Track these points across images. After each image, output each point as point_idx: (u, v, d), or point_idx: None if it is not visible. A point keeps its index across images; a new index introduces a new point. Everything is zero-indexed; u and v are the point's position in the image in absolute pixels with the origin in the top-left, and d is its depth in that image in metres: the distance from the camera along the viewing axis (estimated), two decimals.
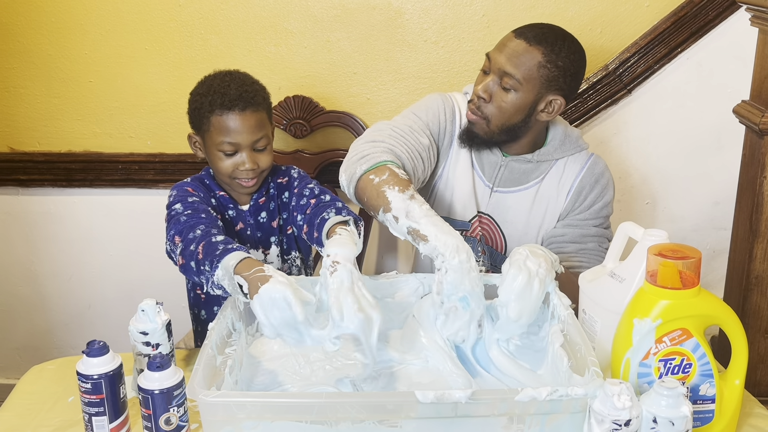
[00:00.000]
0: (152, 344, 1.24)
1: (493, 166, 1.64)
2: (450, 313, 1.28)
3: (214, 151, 1.50)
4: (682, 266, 1.10)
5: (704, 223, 2.15)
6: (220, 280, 1.22)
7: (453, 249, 1.26)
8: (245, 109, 1.47)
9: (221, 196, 1.56)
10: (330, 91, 2.10)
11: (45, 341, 2.39)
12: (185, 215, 1.40)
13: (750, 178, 1.65)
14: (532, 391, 1.02)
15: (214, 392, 1.02)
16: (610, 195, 1.65)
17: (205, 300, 1.61)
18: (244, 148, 1.48)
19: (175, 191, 1.50)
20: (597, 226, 1.64)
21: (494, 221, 1.67)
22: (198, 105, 1.51)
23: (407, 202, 1.34)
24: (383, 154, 1.47)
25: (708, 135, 2.07)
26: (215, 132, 1.48)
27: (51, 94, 2.13)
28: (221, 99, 1.47)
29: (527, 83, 1.50)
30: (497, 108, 1.54)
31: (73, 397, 1.28)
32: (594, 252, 1.62)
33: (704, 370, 1.12)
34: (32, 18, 2.06)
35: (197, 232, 1.33)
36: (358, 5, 2.01)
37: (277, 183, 1.61)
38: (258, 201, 1.59)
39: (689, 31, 1.97)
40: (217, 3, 2.03)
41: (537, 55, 1.50)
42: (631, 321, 1.12)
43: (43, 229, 2.26)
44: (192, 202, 1.45)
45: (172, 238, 1.36)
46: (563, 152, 1.64)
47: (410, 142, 1.54)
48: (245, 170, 1.49)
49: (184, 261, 1.30)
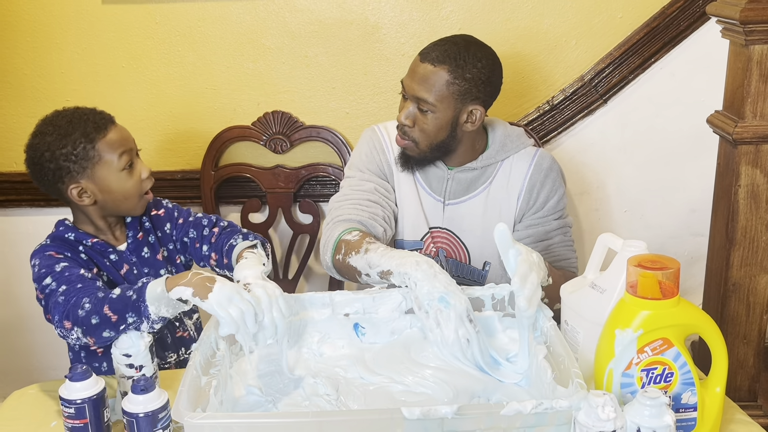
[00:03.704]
0: (135, 366, 1.23)
1: (440, 181, 1.69)
2: (439, 318, 1.28)
3: (114, 176, 1.44)
4: (662, 277, 1.11)
5: (681, 230, 2.18)
6: (156, 313, 1.25)
7: (413, 265, 1.33)
8: (114, 123, 1.48)
9: (95, 242, 1.49)
10: (309, 105, 2.10)
11: (24, 363, 2.36)
12: (62, 294, 1.35)
13: (725, 186, 1.67)
14: (518, 405, 1.03)
15: (200, 414, 1.02)
16: (562, 187, 1.70)
17: (103, 353, 1.52)
18: (134, 156, 1.48)
19: (37, 260, 1.43)
20: (557, 219, 1.68)
21: (453, 234, 1.71)
22: (69, 151, 1.41)
23: (365, 258, 1.45)
24: (335, 231, 1.59)
25: (683, 143, 2.10)
26: (107, 154, 1.43)
27: (27, 113, 2.11)
28: (92, 125, 1.43)
29: (441, 103, 1.56)
30: (421, 131, 1.60)
31: (56, 422, 1.27)
32: (561, 244, 1.67)
33: (686, 378, 1.13)
34: (7, 37, 2.05)
35: (86, 306, 1.30)
36: (335, 21, 2.02)
37: (151, 216, 1.59)
38: (136, 237, 1.55)
39: (662, 42, 2.00)
40: (194, 20, 2.03)
41: (444, 74, 1.54)
42: (613, 332, 1.13)
43: (21, 250, 2.22)
44: (61, 272, 1.39)
45: (61, 324, 1.32)
46: (506, 152, 1.68)
47: (359, 199, 1.65)
48: (147, 178, 1.49)
49: (95, 338, 1.29)
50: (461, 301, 1.28)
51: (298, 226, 2.16)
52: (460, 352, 1.28)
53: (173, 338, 1.59)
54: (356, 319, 1.41)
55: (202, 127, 2.11)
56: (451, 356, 1.30)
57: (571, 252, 1.70)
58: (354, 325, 1.41)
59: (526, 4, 2.00)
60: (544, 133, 2.08)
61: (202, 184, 2.11)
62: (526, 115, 2.08)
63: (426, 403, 1.24)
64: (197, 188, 2.12)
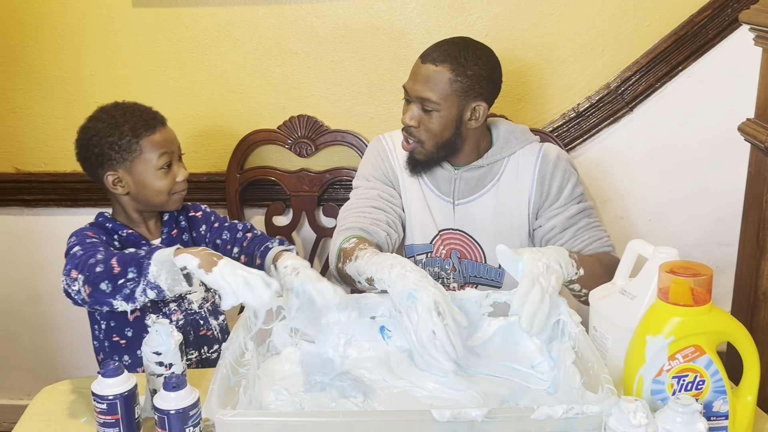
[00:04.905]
0: (165, 364, 1.24)
1: (448, 181, 1.71)
2: (410, 315, 1.25)
3: (151, 173, 1.52)
4: (694, 283, 1.11)
5: (707, 239, 2.16)
6: (155, 276, 1.26)
7: (387, 269, 1.33)
8: (164, 125, 1.56)
9: (130, 234, 1.56)
10: (334, 110, 2.11)
11: (48, 362, 2.38)
12: (82, 250, 1.40)
13: (756, 195, 1.66)
14: (548, 409, 1.03)
15: (231, 411, 1.02)
16: (575, 174, 1.70)
17: (126, 345, 1.57)
18: (175, 158, 1.56)
19: (74, 237, 1.49)
20: (577, 204, 1.68)
21: (466, 234, 1.72)
22: (114, 140, 1.50)
23: (354, 265, 1.47)
24: (336, 241, 1.62)
25: (709, 152, 2.09)
26: (149, 152, 1.51)
27: (56, 114, 2.14)
28: (142, 122, 1.52)
29: (445, 101, 1.59)
30: (426, 130, 1.62)
31: (86, 418, 1.28)
32: (588, 226, 1.67)
33: (717, 386, 1.12)
34: (39, 39, 2.08)
35: (98, 257, 1.34)
36: (362, 26, 2.04)
37: (189, 216, 1.67)
38: (171, 234, 1.62)
39: (690, 50, 1.99)
40: (222, 24, 2.05)
41: (446, 72, 1.57)
42: (644, 338, 1.12)
43: (48, 249, 2.26)
44: (91, 242, 1.45)
45: (68, 273, 1.36)
46: (512, 148, 1.70)
47: (362, 207, 1.68)
48: (182, 181, 1.56)
49: (91, 288, 1.31)
50: (429, 294, 1.25)
51: (322, 229, 2.16)
52: (432, 347, 1.23)
53: (196, 336, 1.61)
54: (383, 321, 1.41)
55: (228, 130, 2.13)
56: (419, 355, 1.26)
57: (601, 231, 1.69)
58: (380, 327, 1.41)
59: (553, 11, 2.00)
60: (569, 140, 2.08)
61: (227, 187, 2.13)
62: (551, 122, 2.08)
63: (454, 406, 1.24)
64: (222, 190, 2.13)
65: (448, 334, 1.23)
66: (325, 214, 2.17)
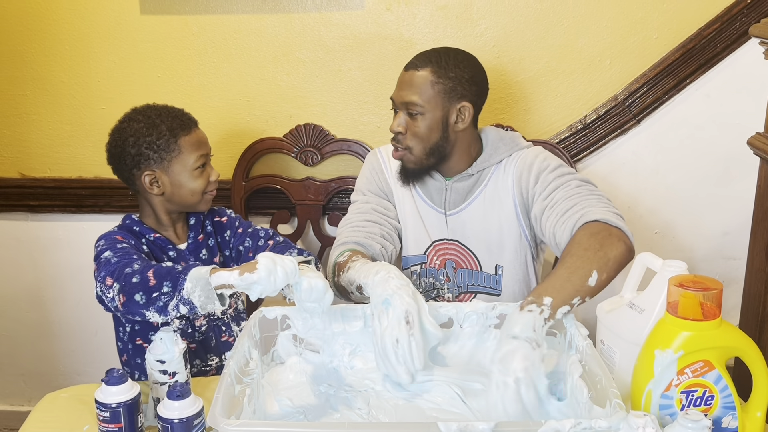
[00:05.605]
0: (169, 372, 1.23)
1: (439, 192, 1.72)
2: (381, 319, 1.26)
3: (188, 173, 1.55)
4: (704, 297, 1.10)
5: (713, 253, 2.15)
6: (189, 293, 1.25)
7: (372, 275, 1.34)
8: (197, 126, 1.60)
9: (157, 238, 1.58)
10: (341, 119, 2.11)
11: (50, 368, 2.37)
12: (116, 257, 1.40)
13: (765, 209, 1.65)
14: (556, 423, 1.02)
15: (235, 421, 1.01)
16: (554, 160, 1.62)
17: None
18: (208, 159, 1.59)
19: (102, 240, 1.49)
20: (560, 176, 1.58)
21: (460, 243, 1.73)
22: (152, 140, 1.52)
23: (347, 276, 1.48)
24: (332, 255, 1.63)
25: (717, 165, 2.08)
26: (187, 152, 1.54)
27: (63, 120, 2.14)
28: (178, 122, 1.55)
29: (429, 103, 1.60)
30: (414, 135, 1.63)
31: (88, 426, 1.27)
32: (575, 185, 1.56)
33: (726, 402, 1.11)
34: (47, 45, 2.08)
35: (135, 266, 1.34)
36: (369, 36, 2.04)
37: (214, 221, 1.69)
38: (197, 239, 1.63)
39: (698, 63, 1.99)
40: (230, 32, 2.05)
41: (427, 75, 1.60)
42: (653, 352, 1.11)
43: (52, 255, 2.25)
44: (122, 248, 1.45)
45: (103, 280, 1.36)
46: (501, 154, 1.70)
47: (357, 221, 1.70)
48: (214, 181, 1.59)
49: (126, 297, 1.30)
50: (403, 302, 1.25)
51: (327, 238, 2.16)
52: (393, 355, 1.23)
53: (217, 341, 1.62)
54: None
55: (234, 138, 2.13)
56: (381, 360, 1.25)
57: (580, 198, 1.53)
58: None
59: (561, 23, 2.00)
60: (576, 151, 2.07)
61: (232, 194, 2.12)
62: (558, 133, 2.08)
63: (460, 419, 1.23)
64: (228, 198, 2.13)
65: (411, 345, 1.23)
66: (330, 223, 2.17)
